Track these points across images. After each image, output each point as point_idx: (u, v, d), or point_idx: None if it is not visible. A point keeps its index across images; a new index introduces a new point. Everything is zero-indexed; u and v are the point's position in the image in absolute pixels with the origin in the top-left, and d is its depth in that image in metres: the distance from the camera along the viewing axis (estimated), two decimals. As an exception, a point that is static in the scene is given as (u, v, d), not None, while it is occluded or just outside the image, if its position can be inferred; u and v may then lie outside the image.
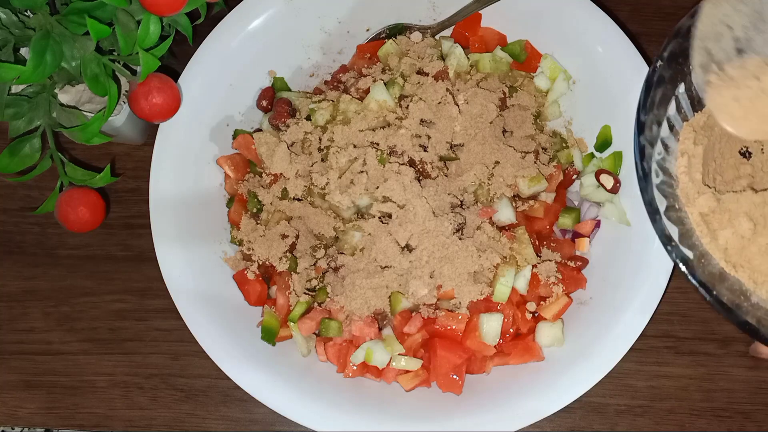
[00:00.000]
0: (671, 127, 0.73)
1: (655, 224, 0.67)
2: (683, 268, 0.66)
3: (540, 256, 0.84)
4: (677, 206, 0.72)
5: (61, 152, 0.84)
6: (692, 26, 0.72)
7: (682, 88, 0.73)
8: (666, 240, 0.67)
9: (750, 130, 0.74)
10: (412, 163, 0.84)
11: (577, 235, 0.88)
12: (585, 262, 0.87)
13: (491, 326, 0.80)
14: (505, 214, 0.83)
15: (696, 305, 0.92)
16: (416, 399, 0.83)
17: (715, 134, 0.76)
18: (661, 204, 0.69)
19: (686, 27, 0.70)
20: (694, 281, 0.66)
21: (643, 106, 0.69)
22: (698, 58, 0.73)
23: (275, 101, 0.90)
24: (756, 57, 0.73)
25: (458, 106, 0.85)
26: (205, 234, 0.88)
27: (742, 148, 0.77)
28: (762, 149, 0.78)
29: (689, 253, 0.68)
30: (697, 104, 0.75)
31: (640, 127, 0.69)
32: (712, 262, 0.71)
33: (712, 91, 0.73)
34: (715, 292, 0.66)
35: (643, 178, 0.68)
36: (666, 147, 0.73)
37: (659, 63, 0.69)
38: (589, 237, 0.88)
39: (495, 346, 0.82)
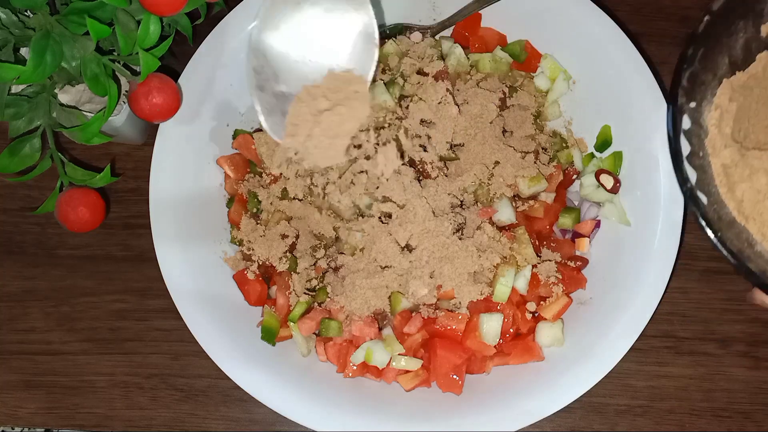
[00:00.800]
0: (708, 83, 0.75)
1: (675, 166, 0.70)
2: (694, 207, 0.68)
3: (540, 256, 0.84)
4: (701, 154, 0.74)
5: (61, 152, 0.83)
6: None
7: (727, 45, 0.75)
8: (683, 181, 0.70)
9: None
10: (412, 163, 0.84)
11: (577, 235, 0.88)
12: (585, 262, 0.87)
13: (491, 326, 0.80)
14: (505, 214, 0.83)
15: (696, 305, 0.92)
16: (416, 399, 0.83)
17: (753, 95, 0.78)
18: (685, 149, 0.72)
19: None
20: (702, 220, 0.68)
21: (686, 58, 0.72)
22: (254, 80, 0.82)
23: (275, 101, 0.90)
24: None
25: (458, 106, 0.85)
26: (205, 234, 0.88)
27: None
28: None
29: (703, 198, 0.71)
30: (741, 64, 0.77)
31: (677, 78, 0.71)
32: (724, 209, 0.73)
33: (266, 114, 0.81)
34: (720, 234, 0.68)
35: (672, 124, 0.71)
36: (702, 99, 0.75)
37: (707, 18, 0.71)
38: (589, 237, 0.88)
39: (495, 346, 0.82)
